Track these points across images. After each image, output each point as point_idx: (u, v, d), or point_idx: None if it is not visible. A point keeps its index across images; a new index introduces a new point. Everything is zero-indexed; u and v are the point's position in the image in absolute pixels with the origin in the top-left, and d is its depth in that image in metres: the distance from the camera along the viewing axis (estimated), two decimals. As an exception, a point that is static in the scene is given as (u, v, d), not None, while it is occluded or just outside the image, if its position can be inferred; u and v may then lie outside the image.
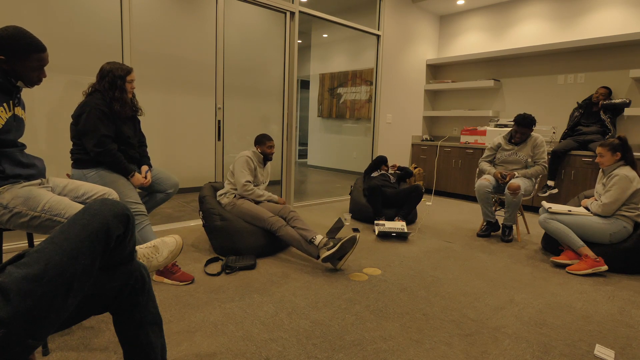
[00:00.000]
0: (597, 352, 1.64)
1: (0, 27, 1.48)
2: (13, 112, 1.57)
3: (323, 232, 3.28)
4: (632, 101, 4.26)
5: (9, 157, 1.55)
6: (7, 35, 1.46)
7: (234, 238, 2.62)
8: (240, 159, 2.80)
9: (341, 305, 2.01)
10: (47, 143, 2.90)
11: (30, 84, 1.58)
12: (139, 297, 1.13)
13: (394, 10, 5.19)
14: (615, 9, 4.36)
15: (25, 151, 1.67)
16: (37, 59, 1.54)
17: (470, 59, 5.49)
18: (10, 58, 1.48)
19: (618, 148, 2.71)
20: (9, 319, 0.78)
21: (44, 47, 1.55)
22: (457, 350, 1.64)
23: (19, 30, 1.49)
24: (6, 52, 1.47)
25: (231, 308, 1.94)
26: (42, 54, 1.55)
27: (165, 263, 1.42)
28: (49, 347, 1.53)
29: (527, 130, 3.34)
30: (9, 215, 1.52)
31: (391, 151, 5.55)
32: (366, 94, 6.11)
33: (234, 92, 4.22)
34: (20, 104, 1.65)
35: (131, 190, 2.22)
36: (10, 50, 1.47)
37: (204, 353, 1.55)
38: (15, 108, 1.58)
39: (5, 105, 1.51)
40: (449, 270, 2.57)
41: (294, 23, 4.10)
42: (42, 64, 1.56)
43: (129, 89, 2.30)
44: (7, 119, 1.52)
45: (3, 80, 1.50)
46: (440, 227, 3.72)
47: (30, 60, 1.52)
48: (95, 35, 3.07)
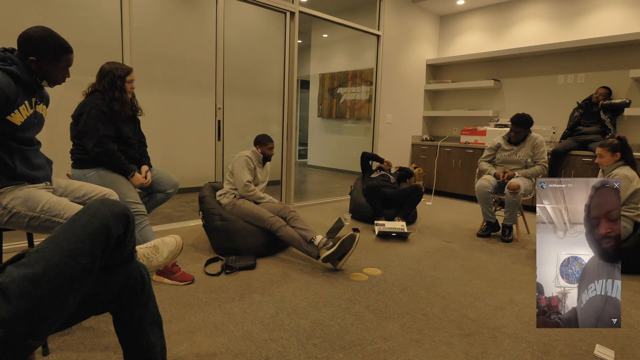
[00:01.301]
0: (597, 352, 1.64)
1: (30, 28, 1.50)
2: (35, 110, 1.58)
3: (323, 232, 3.28)
4: (632, 101, 4.26)
5: (22, 156, 1.56)
6: (38, 36, 1.49)
7: (234, 238, 2.62)
8: (239, 158, 2.80)
9: (341, 305, 2.01)
10: (47, 143, 2.89)
11: (55, 83, 1.60)
12: (139, 297, 1.13)
13: (394, 10, 5.19)
14: (615, 9, 4.36)
15: (39, 153, 1.68)
16: (65, 59, 1.57)
17: (470, 59, 5.49)
18: (40, 59, 1.51)
19: (618, 148, 2.72)
20: (9, 319, 0.78)
21: (71, 48, 1.59)
22: (457, 350, 1.64)
23: (49, 32, 1.52)
24: (37, 52, 1.50)
25: (231, 308, 1.94)
26: (70, 54, 1.58)
27: (165, 263, 1.42)
28: (49, 347, 1.53)
29: (521, 129, 3.33)
30: (8, 215, 1.52)
31: (391, 151, 5.55)
32: (366, 94, 6.11)
33: (234, 92, 4.22)
34: (44, 100, 1.67)
35: (131, 190, 2.22)
36: (41, 51, 1.50)
37: (204, 353, 1.55)
38: (37, 105, 1.60)
39: (27, 103, 1.53)
40: (449, 270, 2.57)
41: (294, 23, 4.10)
42: (68, 64, 1.60)
43: (129, 88, 2.30)
44: (27, 117, 1.53)
45: (29, 79, 1.52)
46: (440, 227, 3.72)
47: (59, 61, 1.55)
48: (95, 35, 3.07)
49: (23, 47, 1.49)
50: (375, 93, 5.25)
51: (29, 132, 1.57)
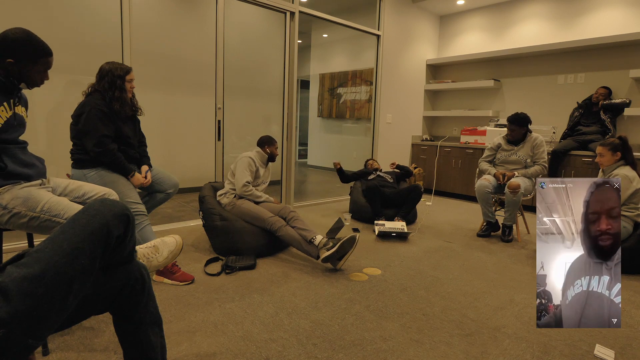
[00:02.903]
0: (597, 352, 1.64)
1: (9, 29, 1.49)
2: (14, 111, 1.57)
3: (323, 232, 3.28)
4: (632, 101, 4.26)
5: (10, 154, 1.55)
6: (16, 39, 1.48)
7: (234, 238, 2.62)
8: (242, 159, 2.80)
9: (341, 305, 2.01)
10: (47, 143, 2.90)
11: (33, 85, 1.59)
12: (139, 297, 1.13)
13: (394, 10, 5.19)
14: (615, 9, 4.36)
15: (27, 151, 1.67)
16: (45, 62, 1.56)
17: (470, 59, 5.49)
18: (18, 61, 1.50)
19: (618, 148, 2.71)
20: (9, 319, 0.78)
21: (51, 51, 1.58)
22: (457, 350, 1.64)
23: (28, 34, 1.51)
24: (15, 55, 1.48)
25: (231, 308, 1.94)
26: (49, 57, 1.57)
27: (165, 263, 1.42)
28: (49, 347, 1.53)
29: (516, 127, 3.33)
30: (9, 215, 1.52)
31: (391, 151, 5.55)
32: (366, 94, 6.11)
33: (234, 92, 4.22)
34: (22, 102, 1.65)
35: (131, 190, 2.22)
36: (19, 53, 1.49)
37: (204, 353, 1.55)
38: (16, 107, 1.59)
39: (5, 104, 1.52)
40: (449, 270, 2.57)
41: (294, 23, 4.10)
42: (47, 67, 1.58)
43: (129, 88, 2.30)
44: (7, 119, 1.52)
45: (5, 80, 1.51)
46: (440, 227, 3.72)
47: (37, 64, 1.54)
48: (95, 35, 3.07)
49: (1, 49, 1.47)
50: (375, 93, 5.25)
51: (9, 134, 1.55)
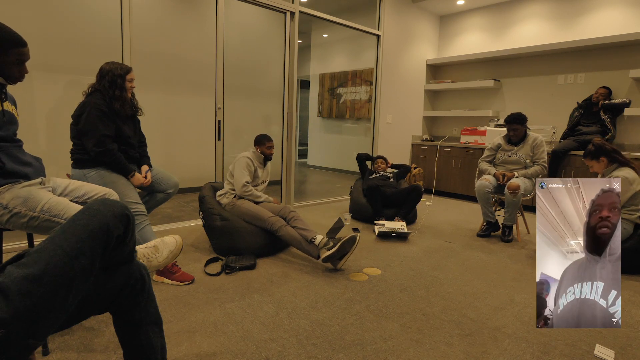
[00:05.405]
0: (597, 352, 1.64)
1: None
2: (2, 108, 1.54)
3: (323, 232, 3.27)
4: (632, 101, 4.26)
5: (7, 153, 1.54)
6: None
7: (234, 238, 2.62)
8: (240, 160, 2.80)
9: (341, 305, 2.01)
10: (47, 143, 2.90)
11: (12, 80, 1.53)
12: (139, 297, 1.13)
13: (394, 10, 5.19)
14: (615, 9, 4.36)
15: (24, 150, 1.67)
16: (17, 53, 1.48)
17: (470, 59, 5.49)
18: None
19: (599, 154, 2.66)
20: (9, 319, 0.78)
21: (23, 41, 1.49)
22: (457, 350, 1.64)
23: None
24: None
25: (231, 308, 1.94)
26: (21, 48, 1.49)
27: (165, 263, 1.42)
28: (49, 347, 1.53)
29: (518, 126, 3.34)
30: (9, 215, 1.52)
31: (391, 151, 5.55)
32: (366, 94, 6.11)
33: (234, 92, 4.22)
34: (9, 98, 1.62)
35: (131, 190, 2.22)
36: None
37: (204, 353, 1.55)
38: (4, 103, 1.55)
39: None
40: (449, 270, 2.57)
41: (294, 23, 4.10)
42: (22, 59, 1.51)
43: (129, 87, 2.30)
44: None
45: None
46: (440, 227, 3.72)
47: (8, 55, 1.46)
48: (95, 35, 3.07)
49: None
50: (375, 93, 5.25)
51: (2, 131, 1.52)
